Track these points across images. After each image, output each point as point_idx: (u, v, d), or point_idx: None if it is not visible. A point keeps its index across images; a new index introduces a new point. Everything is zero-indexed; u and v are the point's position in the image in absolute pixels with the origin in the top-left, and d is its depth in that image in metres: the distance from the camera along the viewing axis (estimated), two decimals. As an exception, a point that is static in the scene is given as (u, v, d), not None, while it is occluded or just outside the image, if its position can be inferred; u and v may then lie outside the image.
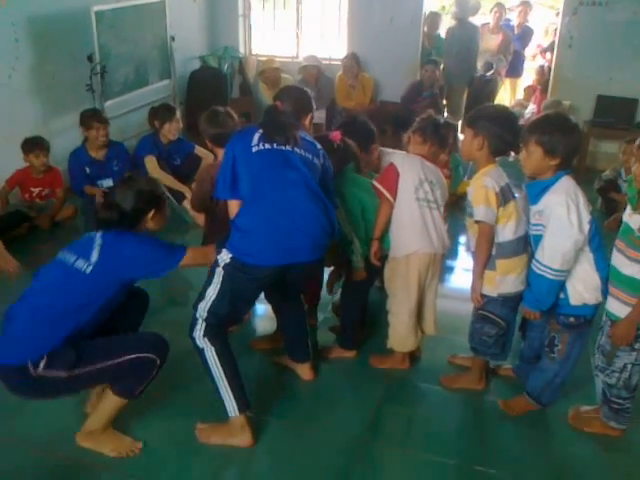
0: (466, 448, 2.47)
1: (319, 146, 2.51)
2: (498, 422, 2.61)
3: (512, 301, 2.56)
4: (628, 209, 2.25)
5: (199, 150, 4.86)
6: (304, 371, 2.81)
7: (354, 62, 6.47)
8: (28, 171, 4.50)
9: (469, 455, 2.43)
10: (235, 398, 2.34)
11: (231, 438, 2.38)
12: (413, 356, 2.96)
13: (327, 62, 6.89)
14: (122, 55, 5.35)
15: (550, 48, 6.98)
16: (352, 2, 6.75)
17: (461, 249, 4.20)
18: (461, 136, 2.82)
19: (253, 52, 7.43)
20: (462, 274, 3.60)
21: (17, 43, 4.63)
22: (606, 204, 5.04)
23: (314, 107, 2.65)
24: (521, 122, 5.15)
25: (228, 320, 2.47)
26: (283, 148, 2.34)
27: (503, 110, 2.62)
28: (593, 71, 6.13)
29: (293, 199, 2.30)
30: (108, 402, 2.30)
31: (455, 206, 4.87)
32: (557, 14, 7.46)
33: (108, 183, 4.55)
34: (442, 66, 6.64)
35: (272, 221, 2.27)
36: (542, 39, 7.63)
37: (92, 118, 4.48)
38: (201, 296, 2.35)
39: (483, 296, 2.53)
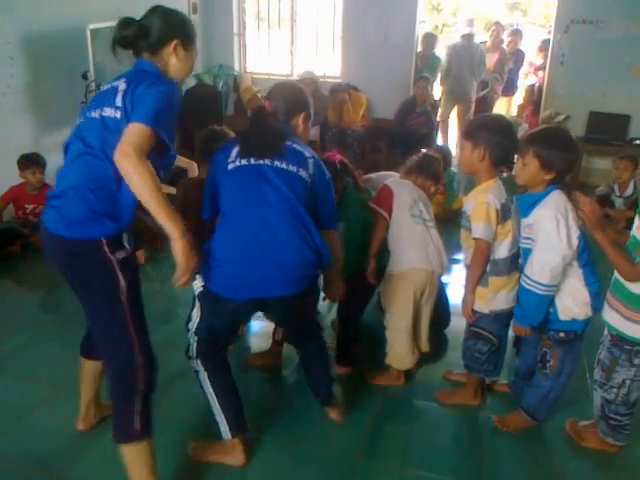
0: (462, 465, 2.44)
1: (308, 153, 2.23)
2: (494, 438, 2.58)
3: (504, 317, 2.55)
4: (637, 222, 2.23)
5: (181, 160, 4.88)
6: (331, 413, 2.61)
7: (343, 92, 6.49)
8: (23, 188, 4.50)
9: (465, 472, 2.40)
10: (228, 422, 2.29)
11: (224, 456, 2.35)
12: (408, 372, 2.94)
13: (322, 80, 6.95)
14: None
15: (543, 66, 7.06)
16: (346, 21, 6.82)
17: (456, 265, 4.19)
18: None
19: (248, 70, 7.49)
20: (457, 290, 3.58)
21: (12, 61, 4.65)
22: (600, 220, 5.05)
23: (309, 104, 2.40)
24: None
25: (218, 342, 2.37)
26: (261, 163, 2.12)
27: (500, 118, 2.64)
28: (585, 88, 6.20)
29: (270, 226, 2.07)
30: (126, 458, 2.03)
31: (450, 222, 4.89)
32: (548, 32, 7.56)
33: None
34: (441, 81, 6.83)
35: (244, 251, 2.07)
36: (535, 57, 7.70)
37: None
38: (189, 317, 2.34)
39: (474, 312, 2.53)
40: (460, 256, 4.30)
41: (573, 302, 2.35)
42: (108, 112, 1.89)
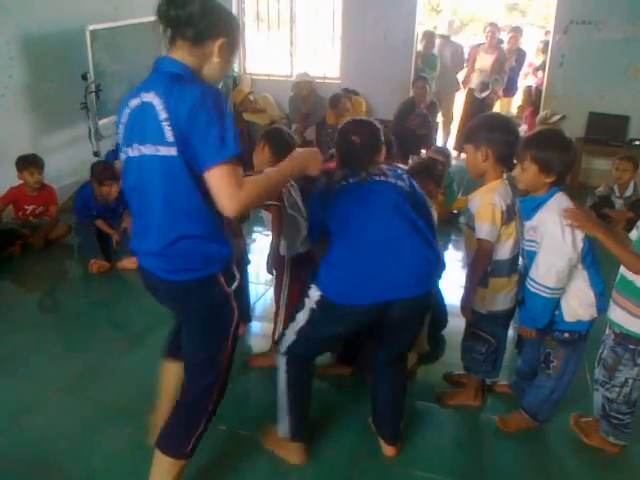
0: (463, 466, 2.44)
1: (401, 170, 2.35)
2: (495, 439, 2.58)
3: (502, 318, 2.55)
4: None
5: None
6: (387, 449, 2.46)
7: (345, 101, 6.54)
8: (22, 189, 4.49)
9: (466, 473, 2.40)
10: (290, 425, 2.31)
11: (285, 452, 2.38)
12: (409, 373, 2.93)
13: (321, 80, 6.95)
14: (117, 74, 5.37)
15: (542, 67, 7.07)
16: (345, 22, 6.83)
17: (455, 266, 4.19)
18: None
19: (247, 71, 7.49)
20: (457, 290, 3.57)
21: (11, 61, 4.66)
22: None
23: (383, 142, 2.38)
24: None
25: (316, 350, 2.38)
26: (363, 179, 2.18)
27: (496, 115, 2.65)
28: (585, 89, 6.21)
29: (387, 230, 2.12)
30: (159, 465, 1.99)
31: (449, 223, 4.89)
32: (546, 33, 7.57)
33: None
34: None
35: (365, 257, 2.09)
36: (534, 58, 7.72)
37: (104, 175, 4.30)
38: (292, 317, 2.27)
39: (473, 312, 2.53)
40: (458, 257, 4.33)
41: (579, 304, 2.35)
42: (163, 151, 1.71)
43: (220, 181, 1.65)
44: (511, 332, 2.69)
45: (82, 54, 4.92)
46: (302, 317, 2.20)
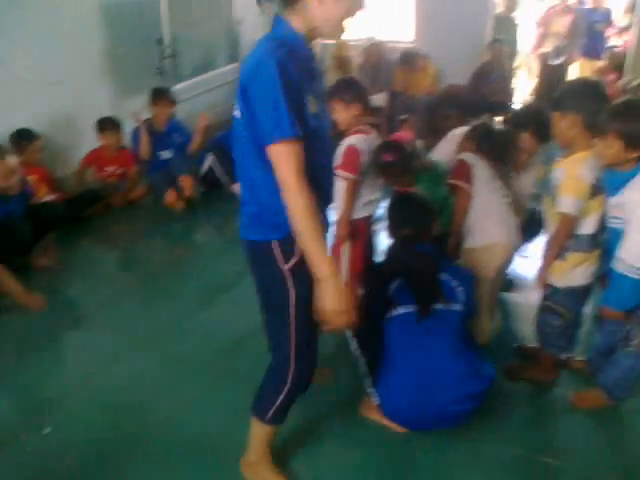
0: (533, 439, 2.41)
1: (456, 283, 2.35)
2: (568, 415, 2.53)
3: (579, 293, 2.47)
4: None
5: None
6: None
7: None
8: (102, 151, 4.66)
9: (536, 446, 2.37)
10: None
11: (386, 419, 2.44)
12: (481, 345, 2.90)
13: (394, 45, 6.80)
14: (190, 39, 5.44)
15: (628, 28, 6.68)
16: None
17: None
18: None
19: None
20: (528, 262, 3.47)
21: (90, 29, 4.75)
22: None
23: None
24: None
25: None
26: (420, 310, 2.30)
27: (584, 82, 2.52)
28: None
29: (435, 367, 2.26)
30: (252, 428, 2.15)
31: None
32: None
33: (169, 155, 4.79)
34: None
35: (419, 391, 2.26)
36: (621, 19, 7.27)
37: (160, 97, 4.73)
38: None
39: (548, 285, 2.46)
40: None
41: None
42: (236, 112, 1.76)
43: (276, 163, 1.64)
44: (589, 307, 2.60)
45: (157, 20, 4.99)
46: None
